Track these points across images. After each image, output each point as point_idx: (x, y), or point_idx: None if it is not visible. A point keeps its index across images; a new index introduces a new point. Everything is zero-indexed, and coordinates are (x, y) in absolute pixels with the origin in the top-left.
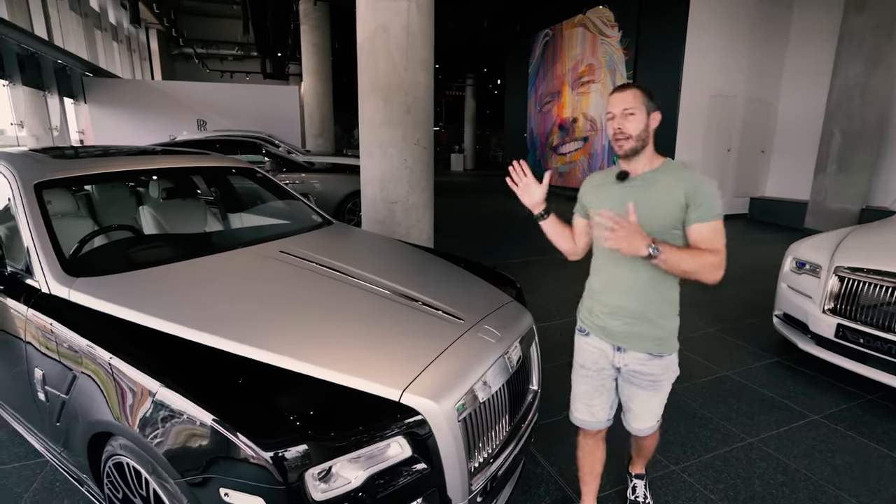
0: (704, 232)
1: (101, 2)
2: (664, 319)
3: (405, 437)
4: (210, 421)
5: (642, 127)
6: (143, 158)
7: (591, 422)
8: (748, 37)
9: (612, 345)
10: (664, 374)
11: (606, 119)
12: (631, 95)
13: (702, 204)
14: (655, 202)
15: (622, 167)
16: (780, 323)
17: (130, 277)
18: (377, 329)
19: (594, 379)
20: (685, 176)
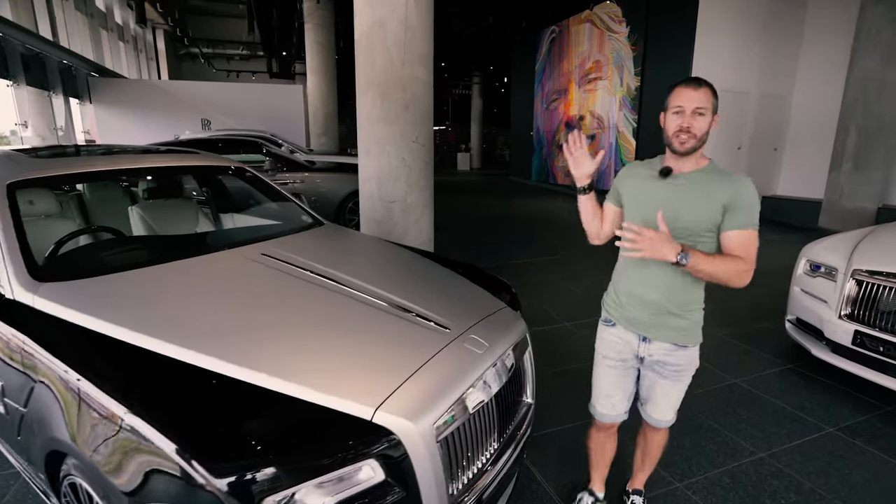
0: (740, 240)
1: (108, 2)
2: (689, 312)
3: (378, 460)
4: (161, 443)
5: (707, 128)
6: (125, 158)
7: (611, 415)
8: (761, 34)
9: (638, 335)
10: (687, 365)
11: (672, 112)
12: (704, 95)
13: (742, 212)
14: (697, 203)
15: (668, 163)
16: (792, 328)
17: (99, 282)
18: (354, 340)
19: (617, 369)
20: (730, 180)
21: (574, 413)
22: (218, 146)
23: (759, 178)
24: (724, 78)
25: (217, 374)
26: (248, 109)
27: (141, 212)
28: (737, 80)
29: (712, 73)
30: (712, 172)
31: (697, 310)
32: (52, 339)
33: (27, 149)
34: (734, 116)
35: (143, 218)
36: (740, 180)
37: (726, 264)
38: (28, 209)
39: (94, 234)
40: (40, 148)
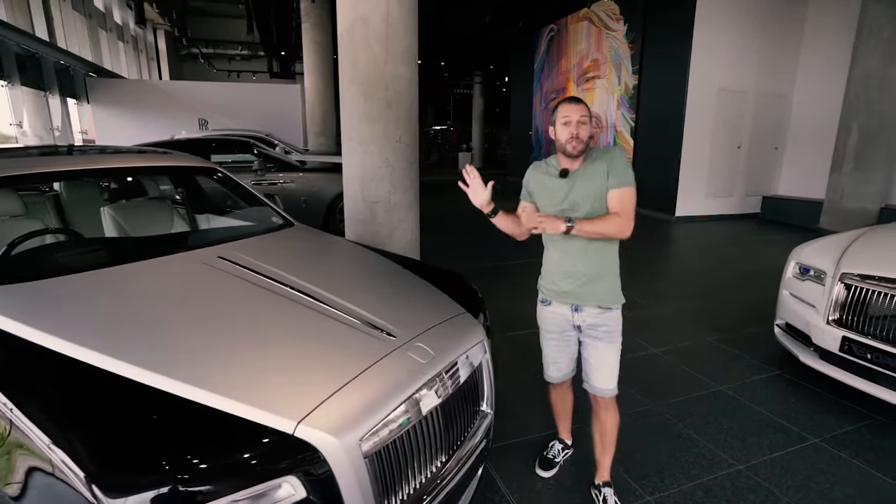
0: (615, 197)
1: (107, 2)
2: (609, 276)
3: (299, 477)
4: (53, 458)
5: (589, 133)
6: (95, 158)
7: (559, 377)
8: (760, 32)
9: (570, 305)
10: (615, 326)
11: (561, 123)
12: (584, 107)
13: (613, 174)
14: (590, 188)
15: (563, 164)
16: (781, 333)
17: (41, 285)
18: (290, 347)
19: (559, 340)
20: (603, 155)
21: (547, 420)
22: (211, 146)
23: (760, 178)
24: (722, 76)
25: (134, 383)
26: (246, 109)
27: (113, 213)
28: (735, 78)
29: (710, 71)
30: (594, 159)
31: (615, 274)
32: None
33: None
34: (732, 115)
35: (115, 219)
36: (610, 151)
37: (604, 220)
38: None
39: (53, 236)
40: (11, 148)
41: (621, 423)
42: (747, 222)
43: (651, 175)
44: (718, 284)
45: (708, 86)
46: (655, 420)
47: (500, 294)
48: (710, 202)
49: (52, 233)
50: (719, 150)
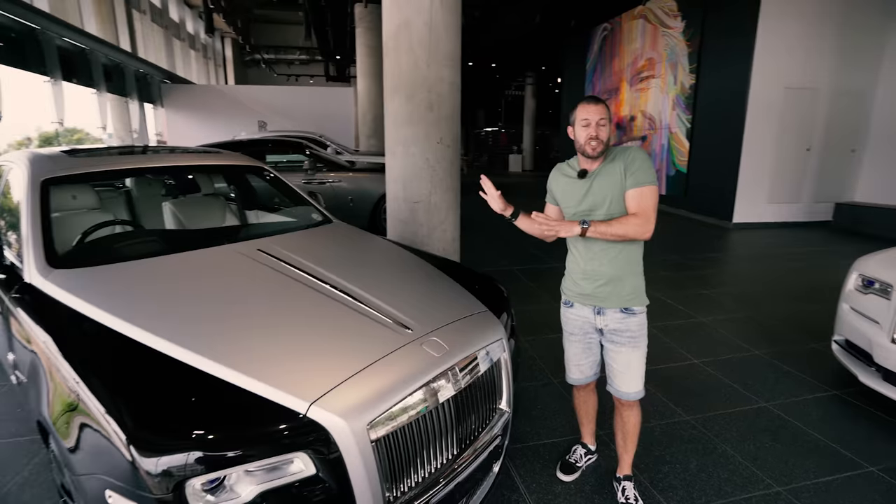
0: (633, 197)
1: (181, 14)
2: (631, 278)
3: (309, 454)
4: (102, 419)
5: (608, 135)
6: (157, 157)
7: (582, 379)
8: (838, 24)
9: (593, 307)
10: (639, 331)
11: (580, 124)
12: (604, 108)
13: (633, 172)
14: (609, 188)
15: (583, 165)
16: (839, 350)
17: (103, 270)
18: (312, 334)
19: (581, 342)
20: (621, 154)
21: (569, 425)
22: (268, 146)
23: (833, 183)
24: (790, 73)
25: (169, 358)
26: (302, 112)
27: (173, 207)
28: (805, 75)
29: (776, 68)
30: (613, 158)
31: (638, 275)
32: (49, 318)
33: (71, 149)
34: (801, 115)
35: (175, 213)
36: (628, 149)
37: (622, 222)
38: (70, 203)
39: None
40: (90, 148)
41: (650, 432)
42: (816, 230)
43: (706, 179)
44: (775, 296)
45: (773, 84)
46: (688, 433)
47: (533, 297)
48: (774, 208)
49: (117, 224)
50: (785, 153)
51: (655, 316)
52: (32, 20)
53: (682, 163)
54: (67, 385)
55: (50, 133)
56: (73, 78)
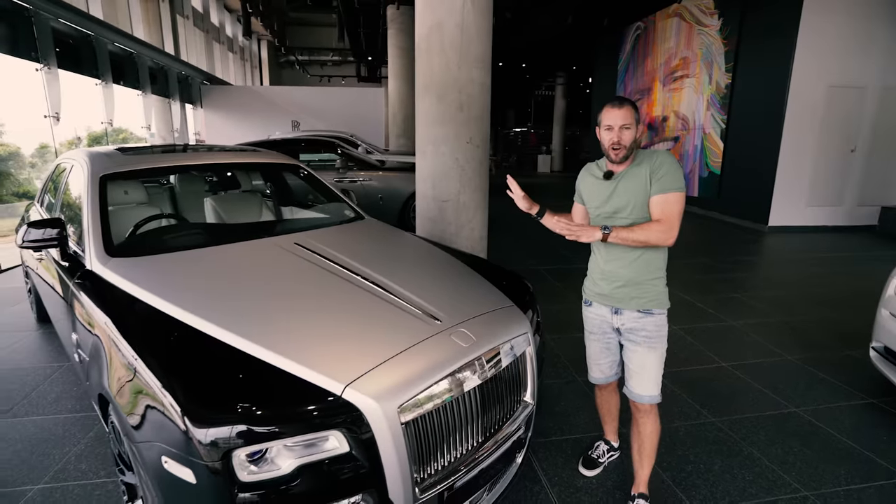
0: (658, 203)
1: (220, 18)
2: (651, 283)
3: (343, 433)
4: (160, 394)
5: (634, 139)
6: (199, 155)
7: (602, 378)
8: (886, 19)
9: (610, 308)
10: (657, 332)
11: (604, 129)
12: (627, 112)
13: (660, 177)
14: (634, 192)
15: (609, 167)
16: (877, 357)
17: (155, 259)
18: (349, 323)
19: (600, 341)
20: (649, 158)
21: (592, 422)
22: (301, 145)
23: (880, 186)
24: (833, 71)
25: (219, 342)
26: (334, 112)
27: (213, 202)
28: (850, 72)
29: (819, 66)
30: (640, 161)
31: (659, 280)
32: (109, 302)
33: (126, 147)
34: (845, 114)
35: (215, 208)
36: (656, 153)
37: (644, 228)
38: (122, 198)
39: (166, 220)
40: (140, 147)
41: (674, 433)
42: (859, 235)
43: (741, 181)
44: (811, 301)
45: (815, 82)
46: (713, 434)
47: (560, 296)
48: (813, 212)
49: (165, 217)
50: (827, 154)
51: (683, 318)
52: (87, 27)
53: (715, 164)
54: (127, 361)
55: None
56: (121, 80)
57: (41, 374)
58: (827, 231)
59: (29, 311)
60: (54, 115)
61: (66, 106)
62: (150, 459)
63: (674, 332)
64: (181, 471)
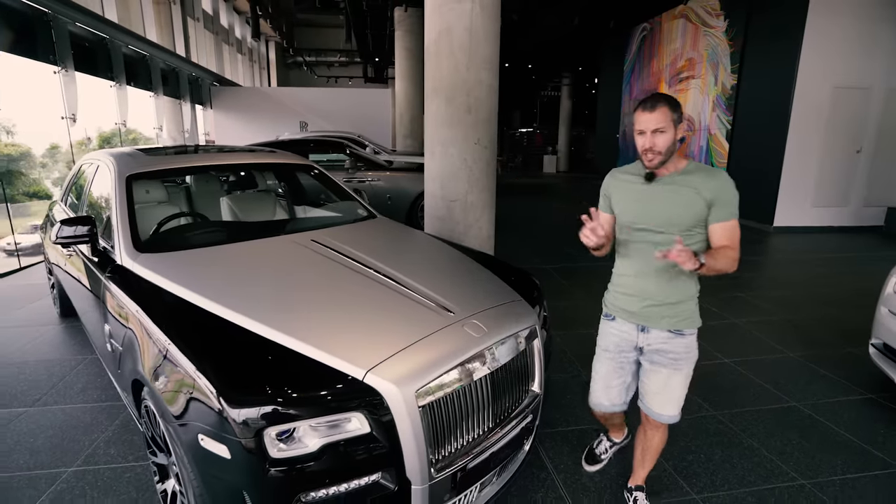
0: (725, 231)
1: (230, 20)
2: (685, 302)
3: (364, 415)
4: (195, 377)
5: (671, 142)
6: (216, 156)
7: (609, 406)
8: (893, 18)
9: (637, 325)
10: (685, 353)
11: (635, 133)
12: (661, 114)
13: (724, 204)
14: (683, 203)
15: (649, 168)
16: (876, 354)
17: (180, 255)
18: (367, 314)
19: (615, 360)
20: (712, 177)
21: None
22: (309, 146)
23: (886, 186)
24: (839, 72)
25: (247, 331)
26: (341, 112)
27: (229, 201)
28: (855, 74)
29: (824, 67)
30: (693, 172)
31: (692, 299)
32: (141, 295)
33: (145, 148)
34: (850, 115)
35: (231, 207)
36: (720, 176)
37: (725, 256)
38: (144, 197)
39: (187, 218)
40: (157, 147)
41: (676, 425)
42: (865, 236)
43: (747, 181)
44: (815, 300)
45: (821, 84)
46: (715, 427)
47: (566, 293)
48: (819, 212)
49: (187, 216)
50: (832, 155)
51: None
52: (103, 30)
53: (720, 164)
54: (162, 348)
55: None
56: (133, 82)
57: (67, 366)
58: (833, 231)
59: (51, 306)
60: (71, 116)
61: (82, 107)
62: (187, 438)
63: None
64: (217, 447)
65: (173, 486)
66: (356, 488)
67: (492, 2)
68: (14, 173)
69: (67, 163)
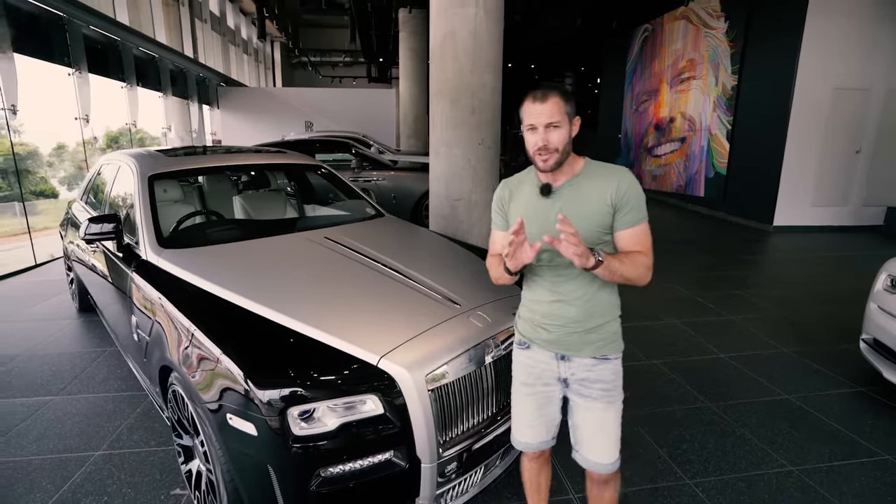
0: (635, 236)
1: (236, 21)
2: (608, 323)
3: (378, 397)
4: (222, 361)
5: (567, 139)
6: (230, 156)
7: (532, 444)
8: (891, 23)
9: (556, 354)
10: (615, 381)
11: (525, 130)
12: (553, 105)
13: (632, 208)
14: (586, 210)
15: (543, 179)
16: (866, 349)
17: (202, 251)
18: (379, 305)
19: (538, 395)
20: (612, 177)
21: None
22: (315, 146)
23: (885, 186)
24: (839, 73)
25: (269, 321)
26: (346, 112)
27: (242, 200)
28: (854, 74)
29: (824, 68)
30: (591, 174)
31: (615, 319)
32: (168, 288)
33: (163, 149)
34: (850, 116)
35: (243, 205)
36: (624, 175)
37: (634, 261)
38: (162, 196)
39: (204, 216)
40: (173, 148)
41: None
42: (864, 235)
43: (747, 181)
44: (813, 298)
45: (820, 84)
46: (708, 417)
47: None
48: (818, 212)
49: (205, 214)
50: (832, 155)
51: (685, 313)
52: (115, 33)
53: (721, 165)
54: (190, 335)
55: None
56: (142, 83)
57: (88, 358)
58: (832, 231)
59: (69, 301)
60: (84, 116)
61: (95, 108)
62: (216, 417)
63: (674, 325)
64: (244, 425)
65: (198, 466)
66: (370, 465)
67: (495, 6)
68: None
69: (75, 162)
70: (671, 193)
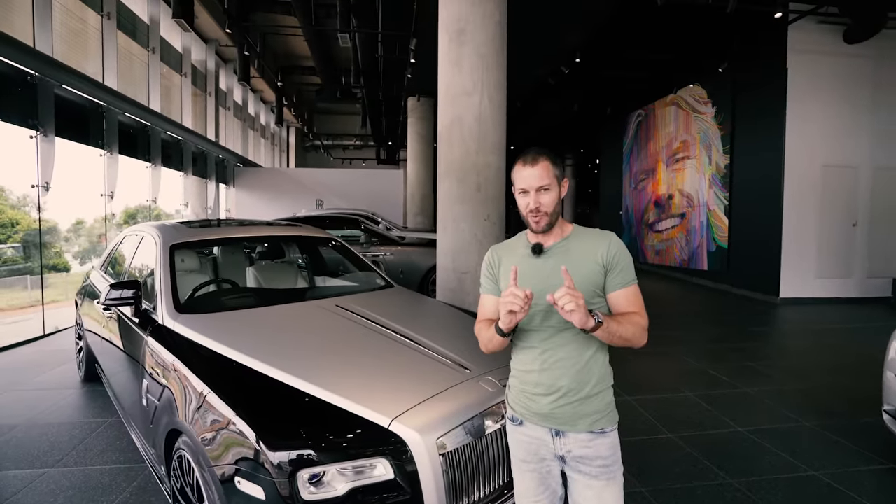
0: (628, 297)
1: (256, 108)
2: (602, 393)
3: (389, 461)
4: (236, 424)
5: (557, 201)
6: (247, 228)
7: None
8: (870, 102)
9: (550, 429)
10: (612, 455)
11: (517, 193)
12: (543, 169)
13: (623, 269)
14: (579, 269)
15: (533, 239)
16: (890, 420)
17: (217, 317)
18: (390, 370)
19: (537, 471)
20: (601, 240)
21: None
22: (326, 222)
23: (887, 258)
24: (825, 153)
25: (282, 384)
26: (356, 191)
27: (255, 271)
28: (842, 153)
29: (810, 147)
30: (580, 236)
31: (608, 389)
32: (182, 352)
33: (185, 221)
34: (842, 192)
35: (256, 275)
36: (610, 237)
37: (632, 322)
38: (180, 265)
39: (219, 284)
40: (193, 220)
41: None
42: (872, 307)
43: (749, 254)
44: (826, 370)
45: (809, 162)
46: (731, 494)
47: None
48: (823, 283)
49: (220, 283)
50: (829, 228)
51: (698, 386)
52: (146, 118)
53: (722, 238)
54: (202, 398)
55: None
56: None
57: (87, 428)
58: (840, 303)
59: (74, 371)
60: (109, 193)
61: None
62: (223, 481)
63: (688, 399)
64: (253, 489)
65: None
66: None
67: (498, 95)
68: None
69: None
70: (675, 267)
